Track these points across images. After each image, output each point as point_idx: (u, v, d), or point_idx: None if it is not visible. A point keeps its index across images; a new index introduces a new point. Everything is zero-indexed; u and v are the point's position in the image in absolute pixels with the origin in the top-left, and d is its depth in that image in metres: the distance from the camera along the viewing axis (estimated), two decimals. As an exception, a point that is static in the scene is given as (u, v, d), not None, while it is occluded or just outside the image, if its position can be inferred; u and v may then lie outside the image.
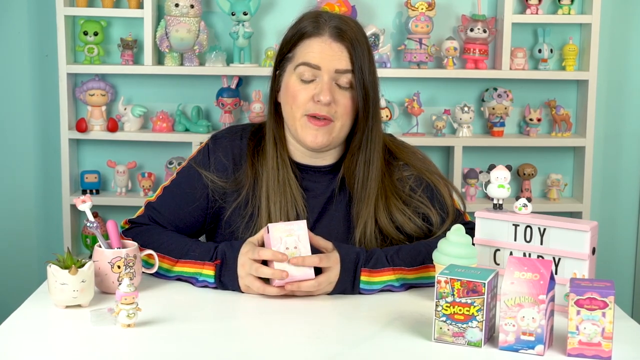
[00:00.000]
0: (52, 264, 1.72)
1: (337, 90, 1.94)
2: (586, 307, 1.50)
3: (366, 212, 1.97)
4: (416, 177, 2.03)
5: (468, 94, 3.23)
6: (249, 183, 1.99)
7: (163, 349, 1.56)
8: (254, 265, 1.78)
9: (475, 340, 1.55)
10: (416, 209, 2.00)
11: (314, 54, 1.93)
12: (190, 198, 2.01)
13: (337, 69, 1.92)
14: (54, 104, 3.15)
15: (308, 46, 1.94)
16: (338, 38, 1.93)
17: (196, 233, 2.05)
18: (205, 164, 2.02)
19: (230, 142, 2.04)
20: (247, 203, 1.99)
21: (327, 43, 1.93)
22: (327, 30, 1.94)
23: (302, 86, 1.94)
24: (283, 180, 1.98)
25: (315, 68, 1.92)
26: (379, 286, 1.85)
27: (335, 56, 1.92)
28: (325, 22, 1.95)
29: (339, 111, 1.94)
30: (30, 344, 1.56)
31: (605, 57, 3.24)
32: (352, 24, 1.98)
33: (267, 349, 1.57)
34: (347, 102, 1.94)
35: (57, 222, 3.21)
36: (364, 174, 1.98)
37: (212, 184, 2.00)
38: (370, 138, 1.98)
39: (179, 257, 1.88)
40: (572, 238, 1.73)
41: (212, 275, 1.83)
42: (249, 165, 2.01)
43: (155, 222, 2.00)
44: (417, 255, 1.89)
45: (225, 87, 3.11)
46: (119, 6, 3.12)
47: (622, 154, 3.33)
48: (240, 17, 3.05)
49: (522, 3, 3.16)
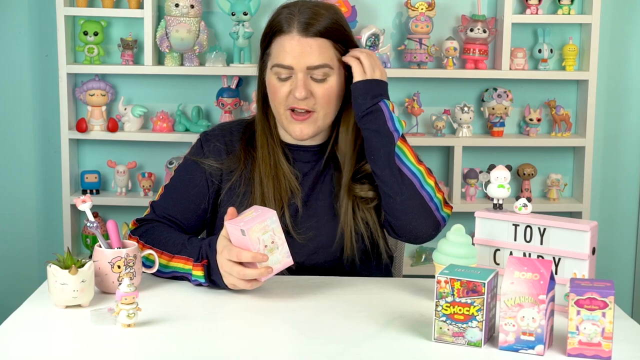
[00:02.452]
0: (52, 264, 1.72)
1: (313, 84, 1.98)
2: (586, 307, 1.50)
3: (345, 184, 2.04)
4: None
5: (468, 94, 3.23)
6: (242, 163, 2.05)
7: (163, 349, 1.56)
8: (235, 268, 1.77)
9: (475, 340, 1.55)
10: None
11: (285, 53, 1.97)
12: (190, 184, 2.06)
13: (309, 65, 1.96)
14: (54, 104, 3.15)
15: (280, 45, 1.98)
16: (307, 33, 1.96)
17: (202, 223, 2.08)
18: (199, 154, 2.09)
19: (221, 132, 2.12)
20: (240, 183, 2.04)
21: (296, 40, 1.96)
22: (295, 26, 1.97)
23: (279, 83, 1.99)
24: (274, 164, 2.03)
25: (288, 68, 1.97)
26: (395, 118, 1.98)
27: (305, 53, 1.96)
28: (294, 17, 1.98)
29: (319, 102, 1.99)
30: (30, 344, 1.56)
31: (605, 57, 3.24)
32: (324, 11, 2.00)
33: (267, 349, 1.57)
34: (325, 92, 1.99)
35: (57, 222, 3.21)
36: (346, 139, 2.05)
37: (210, 168, 2.06)
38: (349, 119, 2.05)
39: (174, 253, 1.90)
40: (572, 238, 1.73)
41: (202, 275, 1.84)
42: (242, 149, 2.07)
43: (163, 217, 2.03)
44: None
45: (226, 87, 3.11)
46: (119, 6, 3.12)
47: (622, 154, 3.33)
48: (240, 17, 3.05)
49: (522, 3, 3.16)
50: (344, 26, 2.03)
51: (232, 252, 1.77)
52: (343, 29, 2.02)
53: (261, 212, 1.77)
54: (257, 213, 1.77)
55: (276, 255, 1.77)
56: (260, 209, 1.78)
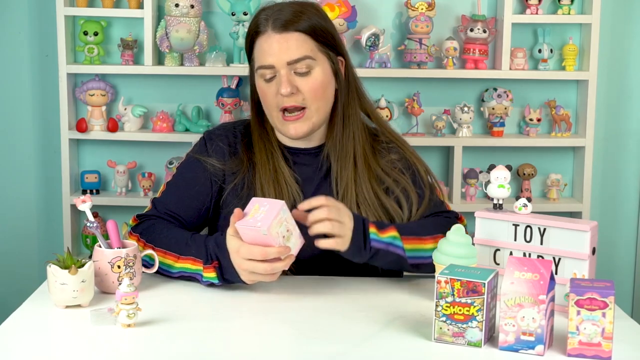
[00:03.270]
0: (52, 264, 1.72)
1: (298, 78, 1.98)
2: (586, 307, 1.50)
3: (345, 176, 2.02)
4: (405, 161, 2.09)
5: (468, 94, 3.23)
6: (245, 165, 2.05)
7: (163, 349, 1.56)
8: (259, 266, 1.76)
9: (475, 340, 1.55)
10: (403, 191, 2.03)
11: (265, 53, 1.98)
12: (193, 183, 2.06)
13: (288, 60, 1.97)
14: (54, 104, 3.15)
15: (259, 47, 2.00)
16: (280, 29, 1.98)
17: (203, 221, 2.08)
18: (203, 152, 2.09)
19: (224, 133, 2.11)
20: (243, 185, 2.04)
21: (272, 37, 1.98)
22: (269, 25, 1.99)
23: (266, 85, 2.00)
24: (274, 169, 2.03)
25: (270, 68, 1.98)
26: (387, 240, 1.88)
27: (282, 49, 1.97)
28: (268, 16, 2.00)
29: (307, 97, 1.99)
30: (30, 344, 1.56)
31: (605, 57, 3.24)
32: (300, 8, 2.01)
33: (267, 349, 1.57)
34: (312, 85, 1.99)
35: (57, 222, 3.21)
36: (341, 139, 2.04)
37: (212, 167, 2.05)
38: (345, 105, 2.05)
39: (180, 253, 1.89)
40: (572, 238, 1.73)
41: (215, 276, 1.83)
42: (244, 151, 2.07)
43: (164, 213, 2.03)
44: (409, 227, 1.94)
45: (226, 87, 3.11)
46: (119, 6, 3.12)
47: (622, 154, 3.33)
48: (240, 17, 3.05)
49: (522, 3, 3.16)
50: (322, 20, 2.03)
51: (253, 251, 1.76)
52: (320, 22, 2.02)
53: (270, 206, 1.76)
54: (266, 207, 1.76)
55: (292, 240, 1.79)
56: (266, 202, 1.78)
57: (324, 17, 2.05)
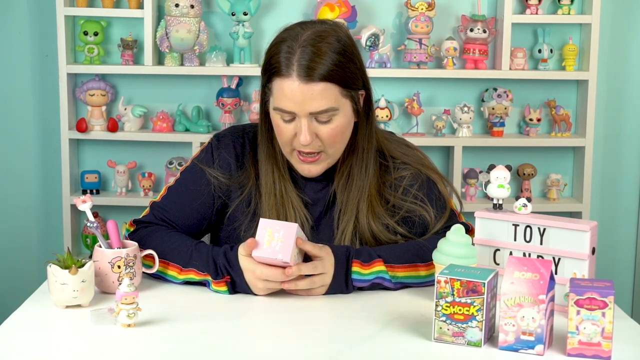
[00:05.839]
0: (52, 263, 1.72)
1: (319, 125, 1.88)
2: (586, 307, 1.50)
3: (346, 217, 1.97)
4: (413, 175, 2.02)
5: (468, 94, 3.23)
6: (251, 181, 2.00)
7: (163, 349, 1.56)
8: (276, 286, 1.79)
9: (475, 340, 1.55)
10: (409, 211, 1.99)
11: (287, 99, 1.85)
12: (196, 195, 2.00)
13: (311, 111, 1.86)
14: (54, 104, 3.16)
15: (280, 89, 1.86)
16: (305, 78, 1.83)
17: (203, 230, 2.05)
18: (209, 161, 2.02)
19: (233, 141, 2.03)
20: (249, 202, 1.99)
21: (297, 85, 1.83)
22: (293, 70, 1.83)
23: (284, 125, 1.89)
24: (281, 193, 1.97)
25: (290, 113, 1.87)
26: (371, 277, 1.84)
27: (307, 99, 1.84)
28: (293, 56, 1.84)
29: (326, 142, 1.90)
30: (30, 344, 1.56)
31: (605, 57, 3.25)
32: (326, 47, 1.85)
33: (267, 349, 1.57)
34: (332, 132, 1.89)
35: (57, 222, 3.21)
36: (346, 179, 1.98)
37: (217, 181, 2.00)
38: (358, 146, 1.97)
39: (183, 265, 1.87)
40: (572, 238, 1.73)
41: (226, 290, 1.82)
42: (251, 165, 2.01)
43: (162, 220, 1.99)
44: (404, 254, 1.89)
45: (226, 87, 3.11)
46: (119, 6, 3.12)
47: (622, 154, 3.33)
48: (240, 17, 3.05)
49: (522, 3, 3.16)
50: (348, 59, 1.88)
51: (270, 273, 1.77)
52: (346, 63, 1.88)
53: (285, 231, 1.75)
54: (280, 233, 1.75)
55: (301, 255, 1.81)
56: (279, 226, 1.75)
57: (352, 52, 1.90)
